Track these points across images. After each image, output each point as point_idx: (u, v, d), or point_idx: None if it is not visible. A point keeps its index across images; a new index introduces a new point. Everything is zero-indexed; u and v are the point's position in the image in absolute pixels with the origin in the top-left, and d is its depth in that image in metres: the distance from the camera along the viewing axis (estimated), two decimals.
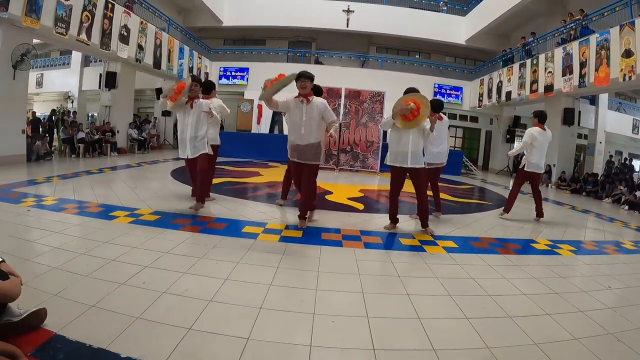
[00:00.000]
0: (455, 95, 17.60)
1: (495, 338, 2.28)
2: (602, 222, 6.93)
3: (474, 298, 2.87)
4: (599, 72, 9.51)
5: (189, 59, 15.10)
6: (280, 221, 4.81)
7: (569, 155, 12.97)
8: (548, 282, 3.35)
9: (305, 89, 4.40)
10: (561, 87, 11.06)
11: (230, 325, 2.21)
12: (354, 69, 18.06)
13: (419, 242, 4.34)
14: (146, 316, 2.22)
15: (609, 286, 3.38)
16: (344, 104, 11.06)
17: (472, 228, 5.28)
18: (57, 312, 2.15)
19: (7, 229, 3.70)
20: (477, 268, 3.59)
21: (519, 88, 13.35)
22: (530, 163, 6.04)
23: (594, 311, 2.80)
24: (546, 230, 5.53)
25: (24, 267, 2.73)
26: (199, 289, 2.63)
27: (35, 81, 17.23)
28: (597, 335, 2.43)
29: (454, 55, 20.31)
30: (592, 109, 15.33)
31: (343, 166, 11.16)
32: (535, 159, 6.02)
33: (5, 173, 6.81)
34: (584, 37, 10.24)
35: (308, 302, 2.59)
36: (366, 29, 18.00)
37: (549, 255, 4.26)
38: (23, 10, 7.37)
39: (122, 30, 10.70)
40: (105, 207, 4.79)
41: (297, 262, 3.39)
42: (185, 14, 17.93)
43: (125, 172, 8.35)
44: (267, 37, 20.17)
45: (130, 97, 13.23)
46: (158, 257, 3.17)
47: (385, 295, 2.84)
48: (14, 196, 5.09)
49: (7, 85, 7.96)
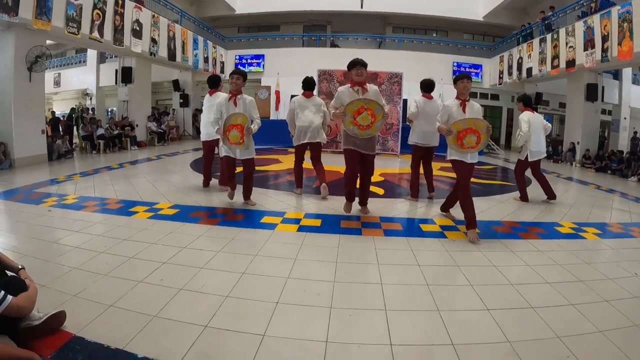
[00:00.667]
0: (475, 73, 17.13)
1: (516, 331, 2.21)
2: (628, 202, 6.67)
3: (496, 287, 2.80)
4: (622, 45, 9.09)
5: (203, 49, 15.10)
6: (300, 210, 4.79)
7: (593, 133, 12.51)
8: (572, 269, 3.23)
9: (361, 76, 4.26)
10: (583, 62, 10.63)
11: (246, 322, 2.21)
12: (370, 51, 17.71)
13: (439, 227, 4.27)
14: (163, 314, 2.24)
15: (636, 273, 3.24)
16: None
17: (495, 211, 5.16)
18: (76, 313, 2.18)
19: (29, 230, 3.78)
20: (499, 255, 3.50)
21: (540, 64, 12.89)
22: (532, 152, 5.79)
23: (619, 300, 2.67)
24: (571, 212, 5.36)
25: (45, 269, 2.80)
26: (216, 285, 2.64)
27: (53, 81, 17.56)
28: (622, 327, 2.32)
29: (472, 32, 19.75)
30: (615, 83, 14.72)
31: None
32: (535, 146, 5.76)
33: (27, 174, 7.00)
34: (604, 9, 9.78)
35: (325, 295, 2.57)
36: (381, 9, 17.58)
37: (573, 240, 4.12)
38: (33, 14, 7.43)
39: (134, 25, 10.73)
40: (125, 203, 4.87)
41: (315, 253, 3.37)
42: (198, 4, 17.91)
43: (145, 166, 8.47)
44: (282, 23, 19.98)
45: (147, 91, 13.33)
46: (176, 253, 3.20)
47: (404, 286, 2.79)
48: (36, 197, 5.22)
49: (24, 88, 8.11)
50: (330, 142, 10.81)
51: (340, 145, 10.88)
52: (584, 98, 11.84)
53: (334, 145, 11.05)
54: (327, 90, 10.96)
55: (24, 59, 7.95)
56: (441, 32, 19.99)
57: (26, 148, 8.18)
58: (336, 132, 11.05)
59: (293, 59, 16.21)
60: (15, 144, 7.92)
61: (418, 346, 2.06)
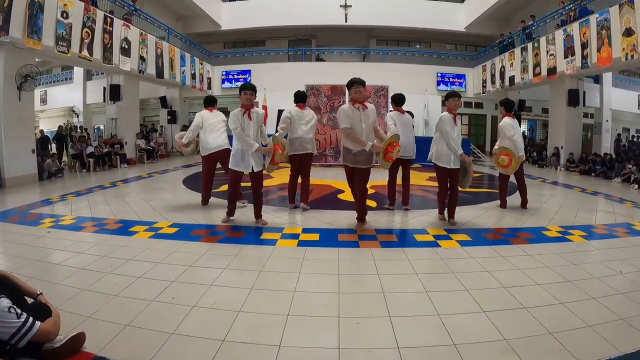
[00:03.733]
0: (458, 82, 17.59)
1: (511, 330, 2.38)
2: (613, 203, 6.97)
3: (490, 291, 2.97)
4: (601, 52, 9.49)
5: (190, 66, 15.24)
6: (296, 225, 4.92)
7: (576, 136, 12.95)
8: (561, 270, 3.43)
9: (360, 94, 4.43)
10: (564, 69, 11.04)
11: (261, 334, 2.33)
12: (355, 64, 18.11)
13: (433, 237, 4.44)
14: (180, 331, 2.34)
15: (620, 271, 3.46)
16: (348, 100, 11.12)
17: (484, 219, 5.36)
18: (94, 334, 2.26)
19: (32, 253, 3.83)
20: (491, 260, 3.68)
21: (522, 72, 13.32)
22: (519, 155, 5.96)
23: (606, 297, 2.88)
24: (557, 217, 5.60)
25: (54, 291, 2.86)
26: (227, 301, 2.75)
27: (39, 98, 17.44)
28: (609, 321, 2.52)
29: (454, 42, 20.29)
30: (596, 87, 15.23)
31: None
32: (520, 150, 5.84)
33: (20, 194, 7.02)
34: (583, 17, 10.20)
35: (332, 305, 2.71)
36: (365, 23, 18.06)
37: (561, 243, 4.34)
38: (24, 33, 7.50)
39: (122, 43, 10.84)
40: (124, 223, 4.94)
41: (317, 267, 3.51)
42: (183, 21, 18.08)
43: (138, 184, 8.51)
44: (267, 38, 20.28)
45: (135, 108, 13.41)
46: (183, 271, 3.30)
47: (404, 294, 2.94)
48: (32, 218, 5.26)
49: (14, 107, 8.14)
50: (319, 155, 11.03)
51: (329, 159, 11.09)
52: (566, 103, 12.28)
53: (323, 159, 11.24)
54: (315, 105, 11.19)
55: (14, 78, 7.97)
56: (424, 44, 20.47)
57: (17, 168, 8.18)
58: (325, 146, 11.24)
59: (279, 74, 16.46)
60: (6, 163, 7.94)
61: (423, 347, 2.21)
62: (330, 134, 11.29)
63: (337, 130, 10.70)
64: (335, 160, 11.17)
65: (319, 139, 11.04)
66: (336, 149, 11.11)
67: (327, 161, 11.27)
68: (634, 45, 8.35)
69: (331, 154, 11.30)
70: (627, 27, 8.54)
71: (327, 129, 11.31)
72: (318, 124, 10.48)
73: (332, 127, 11.24)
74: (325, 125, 11.29)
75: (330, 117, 11.24)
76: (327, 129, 11.31)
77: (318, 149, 10.82)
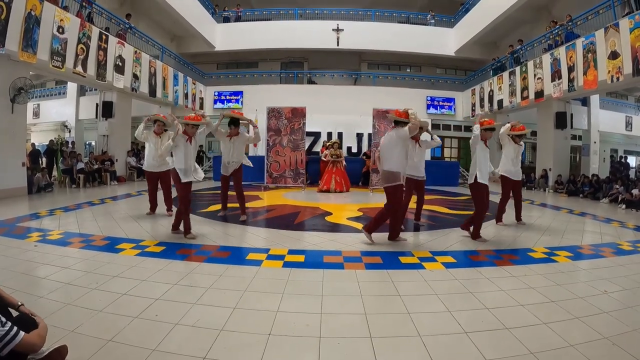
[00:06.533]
0: (448, 106, 17.90)
1: (493, 350, 2.40)
2: (599, 223, 7.07)
3: (473, 312, 2.99)
4: (587, 75, 9.77)
5: (183, 85, 15.38)
6: (283, 246, 4.92)
7: (564, 158, 13.20)
8: (545, 291, 3.46)
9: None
10: (551, 92, 11.32)
11: (241, 353, 2.33)
12: (347, 87, 18.41)
13: (418, 259, 4.45)
14: (162, 348, 2.33)
15: (605, 290, 3.50)
16: (372, 124, 11.38)
17: (471, 241, 5.39)
18: (76, 348, 2.25)
19: (18, 266, 3.82)
20: (475, 282, 3.71)
21: (510, 96, 13.62)
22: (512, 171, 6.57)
23: (589, 317, 2.91)
24: (544, 238, 5.66)
25: (39, 304, 2.84)
26: (210, 319, 2.74)
27: (32, 112, 17.40)
28: (592, 340, 2.54)
29: (444, 67, 20.71)
30: (584, 109, 15.58)
31: (375, 186, 10.99)
32: None
33: (8, 207, 6.97)
34: (570, 41, 10.52)
35: (314, 326, 2.71)
36: (356, 47, 18.39)
37: (546, 264, 4.38)
38: (19, 46, 7.57)
39: (117, 61, 10.95)
40: (110, 240, 4.91)
41: (302, 288, 3.50)
42: (178, 40, 18.30)
43: (126, 202, 8.48)
44: (260, 60, 20.56)
45: (127, 125, 13.43)
46: (168, 289, 3.28)
47: (387, 315, 2.95)
48: (20, 231, 5.23)
49: (6, 120, 8.16)
50: (279, 177, 11.20)
51: (288, 180, 11.12)
52: (553, 126, 12.55)
53: (283, 181, 11.29)
54: (276, 127, 11.28)
55: (7, 90, 8.00)
56: (415, 68, 20.87)
57: (6, 180, 8.15)
58: (284, 168, 11.28)
59: (271, 95, 16.58)
60: None
61: None
62: (290, 156, 11.24)
63: (297, 152, 11.11)
64: (294, 181, 11.20)
65: (278, 160, 11.19)
66: (295, 170, 11.19)
67: (287, 182, 11.30)
68: (619, 67, 8.61)
69: (290, 175, 11.28)
70: (613, 50, 8.81)
71: (287, 150, 11.26)
72: (278, 146, 11.00)
73: (291, 149, 11.23)
74: (285, 147, 11.25)
75: (291, 140, 11.25)
76: (287, 150, 11.26)
77: (277, 170, 11.16)
